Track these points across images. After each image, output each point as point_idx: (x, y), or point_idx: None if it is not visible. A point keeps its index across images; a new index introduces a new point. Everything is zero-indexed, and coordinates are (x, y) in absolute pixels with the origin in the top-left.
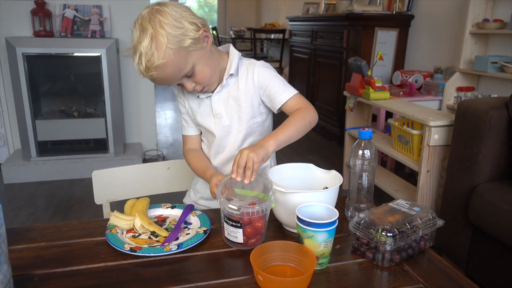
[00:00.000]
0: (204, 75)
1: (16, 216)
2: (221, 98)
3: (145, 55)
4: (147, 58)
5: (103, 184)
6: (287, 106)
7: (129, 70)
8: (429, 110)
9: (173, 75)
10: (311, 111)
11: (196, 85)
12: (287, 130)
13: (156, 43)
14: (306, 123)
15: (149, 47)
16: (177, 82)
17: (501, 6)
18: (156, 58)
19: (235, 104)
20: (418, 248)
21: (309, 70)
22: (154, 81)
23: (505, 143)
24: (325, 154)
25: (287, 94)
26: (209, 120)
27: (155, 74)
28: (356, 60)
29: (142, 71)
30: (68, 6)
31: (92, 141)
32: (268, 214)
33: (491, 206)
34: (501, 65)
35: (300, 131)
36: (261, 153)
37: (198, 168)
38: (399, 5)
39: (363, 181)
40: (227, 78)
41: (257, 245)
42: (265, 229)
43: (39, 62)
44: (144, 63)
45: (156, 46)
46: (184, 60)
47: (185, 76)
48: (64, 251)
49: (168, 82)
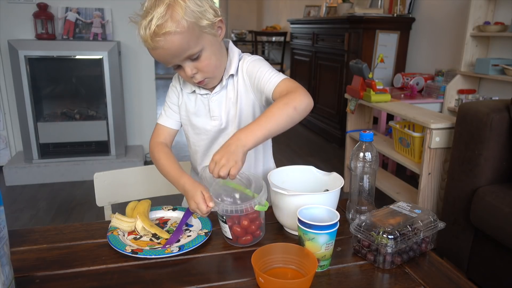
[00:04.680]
0: (209, 63)
1: (18, 218)
2: (220, 100)
3: (157, 19)
4: (158, 22)
5: (104, 186)
6: (275, 94)
7: (131, 73)
8: (430, 113)
9: (179, 50)
10: (298, 94)
11: (197, 73)
12: (267, 123)
13: (172, 12)
14: (290, 110)
15: (164, 13)
16: (178, 61)
17: (502, 9)
18: (169, 25)
19: (234, 108)
20: (419, 251)
21: (310, 73)
22: (156, 52)
23: (506, 145)
24: (326, 156)
25: (273, 81)
26: (205, 121)
27: (162, 43)
28: (357, 63)
29: (147, 36)
30: (70, 9)
31: (93, 143)
32: (264, 215)
33: (492, 208)
34: (502, 67)
35: (283, 121)
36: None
37: (171, 170)
38: (400, 8)
39: (364, 183)
40: (227, 79)
41: (250, 243)
42: (259, 230)
43: (41, 65)
44: (154, 27)
45: (171, 14)
46: (195, 38)
47: (190, 57)
48: (65, 253)
49: (170, 58)
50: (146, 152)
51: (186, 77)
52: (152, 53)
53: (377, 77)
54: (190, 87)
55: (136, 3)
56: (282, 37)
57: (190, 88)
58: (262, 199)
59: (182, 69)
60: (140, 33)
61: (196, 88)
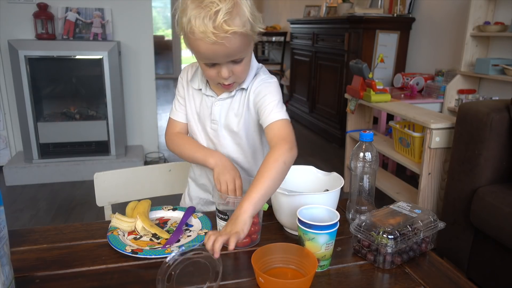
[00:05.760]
0: (244, 70)
1: (18, 218)
2: (223, 106)
3: (224, 13)
4: (226, 17)
5: (104, 186)
6: (270, 129)
7: (131, 73)
8: (430, 113)
9: (235, 51)
10: (287, 148)
11: (231, 76)
12: (262, 185)
13: (238, 9)
14: (281, 165)
15: (231, 9)
16: (223, 61)
17: (502, 9)
18: (237, 23)
19: (235, 118)
20: (419, 251)
21: (310, 73)
22: (211, 47)
23: (506, 145)
24: (326, 156)
25: (273, 117)
26: (205, 122)
27: (225, 40)
28: (357, 63)
29: (209, 29)
30: (70, 9)
31: (93, 143)
32: (261, 217)
33: (492, 208)
34: (502, 67)
35: (277, 178)
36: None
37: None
38: (400, 8)
39: (364, 183)
40: (237, 90)
41: (246, 247)
42: (257, 235)
43: (41, 65)
44: (221, 21)
45: (238, 12)
46: (248, 43)
47: (235, 60)
48: (65, 253)
49: (220, 56)
50: (146, 152)
51: (216, 77)
52: (203, 46)
53: (377, 77)
54: (197, 84)
55: (136, 3)
56: (282, 37)
57: (197, 85)
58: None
59: (217, 68)
60: (194, 23)
61: (203, 87)
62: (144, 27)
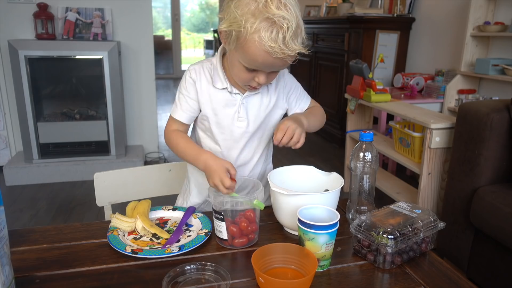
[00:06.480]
0: (275, 77)
1: (18, 218)
2: (252, 103)
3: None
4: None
5: (104, 186)
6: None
7: (131, 73)
8: (430, 113)
9: (285, 65)
10: (323, 111)
11: (266, 82)
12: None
13: (300, 30)
14: (324, 120)
15: (296, 29)
16: (270, 70)
17: (502, 8)
18: (299, 42)
19: (263, 112)
20: (420, 251)
21: (310, 73)
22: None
23: (507, 145)
24: (326, 156)
25: (307, 101)
26: (231, 121)
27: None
28: (357, 63)
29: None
30: (70, 9)
31: (93, 143)
32: (259, 217)
33: (492, 208)
34: (502, 67)
35: (319, 122)
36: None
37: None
38: (400, 8)
39: (364, 183)
40: None
41: (244, 246)
42: (254, 234)
43: (41, 65)
44: (289, 40)
45: (300, 32)
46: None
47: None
48: (65, 253)
49: (269, 66)
50: (146, 152)
51: (249, 80)
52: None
53: (377, 77)
54: (220, 83)
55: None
56: None
57: (221, 85)
58: (259, 196)
59: (254, 73)
60: (263, 35)
61: (228, 86)
62: (144, 27)
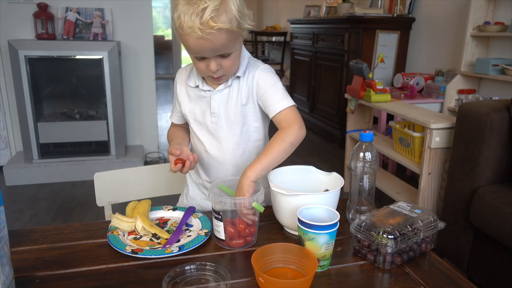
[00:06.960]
0: (233, 64)
1: (18, 218)
2: (221, 98)
3: (211, 10)
4: (212, 14)
5: (104, 186)
6: (278, 117)
7: (131, 73)
8: (430, 113)
9: (221, 46)
10: (295, 130)
11: (219, 69)
12: (265, 159)
13: (225, 7)
14: (287, 145)
15: (218, 6)
16: (210, 55)
17: (502, 8)
18: (223, 20)
19: (234, 107)
20: (420, 251)
21: (310, 73)
22: (198, 41)
23: (507, 145)
24: (326, 156)
25: (281, 105)
26: (206, 116)
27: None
28: (357, 63)
29: (196, 25)
30: (70, 9)
31: (93, 143)
32: (258, 220)
33: (492, 208)
34: (502, 67)
35: (279, 156)
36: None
37: (172, 134)
38: (400, 8)
39: (364, 183)
40: (233, 79)
41: (241, 248)
42: (252, 237)
43: (41, 65)
44: (207, 18)
45: (225, 9)
46: (235, 39)
47: (222, 54)
48: (65, 253)
49: (207, 51)
50: (146, 152)
51: (205, 70)
52: (191, 41)
53: (377, 77)
54: (193, 81)
55: (136, 3)
56: (282, 37)
57: (194, 83)
58: (259, 198)
59: (206, 61)
60: (183, 19)
61: (200, 83)
62: (144, 27)
